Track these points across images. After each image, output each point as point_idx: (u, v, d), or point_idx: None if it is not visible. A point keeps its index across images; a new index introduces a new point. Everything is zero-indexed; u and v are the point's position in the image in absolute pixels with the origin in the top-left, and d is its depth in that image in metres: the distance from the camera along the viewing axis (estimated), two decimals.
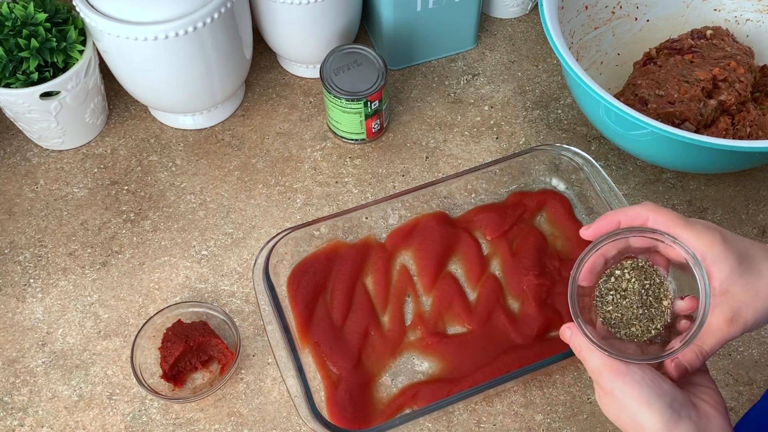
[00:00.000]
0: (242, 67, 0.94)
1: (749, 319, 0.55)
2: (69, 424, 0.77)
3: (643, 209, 0.58)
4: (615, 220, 0.59)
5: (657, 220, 0.57)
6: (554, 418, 0.77)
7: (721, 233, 0.56)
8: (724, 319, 0.55)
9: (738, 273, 0.55)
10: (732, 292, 0.55)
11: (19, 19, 0.83)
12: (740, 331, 0.56)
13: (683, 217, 0.57)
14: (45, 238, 0.88)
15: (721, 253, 0.55)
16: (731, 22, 0.99)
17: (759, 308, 0.55)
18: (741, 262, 0.55)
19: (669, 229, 0.57)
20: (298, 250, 0.83)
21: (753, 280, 0.55)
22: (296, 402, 0.72)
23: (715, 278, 0.56)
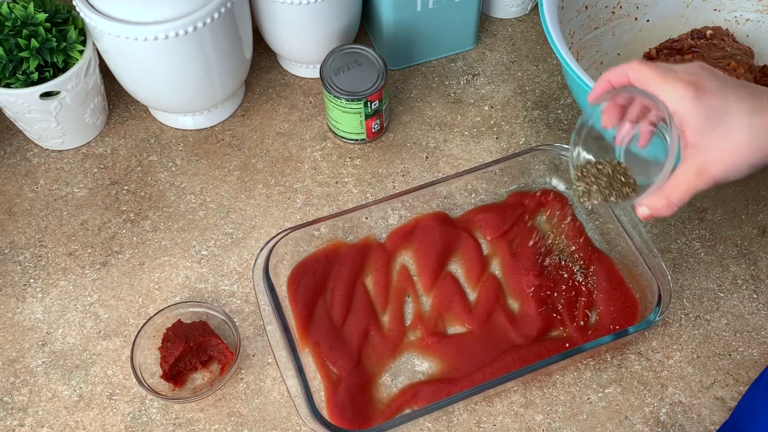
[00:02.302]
0: (242, 67, 0.94)
1: (717, 173, 0.56)
2: (69, 424, 0.77)
3: (627, 67, 0.60)
4: (605, 80, 0.62)
5: (636, 77, 0.59)
6: (554, 418, 0.77)
7: (697, 87, 0.56)
8: (692, 172, 0.57)
9: (708, 128, 0.56)
10: (702, 146, 0.56)
11: (19, 19, 0.83)
12: (707, 183, 0.57)
13: (663, 71, 0.58)
14: (45, 238, 0.88)
15: (690, 108, 0.56)
16: (731, 22, 0.99)
17: (727, 163, 0.56)
18: (710, 118, 0.56)
19: (646, 85, 0.58)
20: (298, 250, 0.83)
21: (725, 136, 0.55)
22: (296, 402, 0.72)
23: (687, 132, 0.57)
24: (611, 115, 0.64)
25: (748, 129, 0.55)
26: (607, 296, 0.81)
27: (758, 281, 0.85)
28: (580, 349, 0.76)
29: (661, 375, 0.79)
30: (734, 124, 0.55)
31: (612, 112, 0.64)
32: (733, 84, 0.57)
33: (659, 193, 0.59)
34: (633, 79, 0.59)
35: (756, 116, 0.55)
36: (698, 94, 0.56)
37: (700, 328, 0.82)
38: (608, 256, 0.85)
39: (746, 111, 0.55)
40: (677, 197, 0.59)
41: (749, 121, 0.55)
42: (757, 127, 0.55)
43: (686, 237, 0.88)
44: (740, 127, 0.55)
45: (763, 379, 0.68)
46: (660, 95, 0.57)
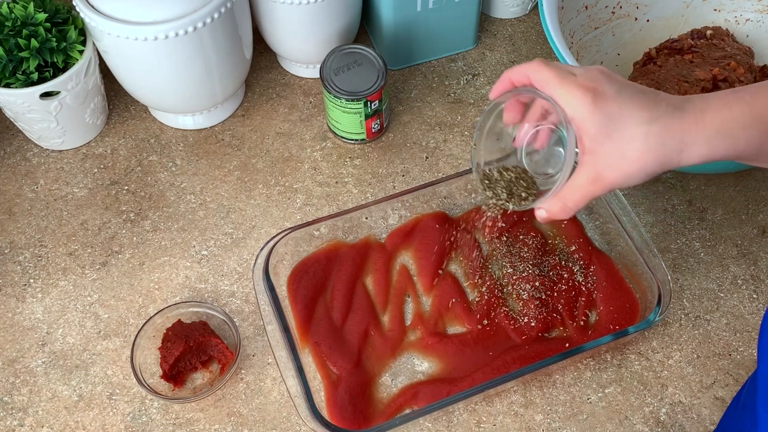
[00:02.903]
0: (242, 67, 0.94)
1: (612, 181, 0.56)
2: (69, 424, 0.77)
3: (528, 67, 0.59)
4: (507, 78, 0.61)
5: (536, 79, 0.58)
6: (554, 418, 0.77)
7: (595, 93, 0.55)
8: (588, 178, 0.57)
9: (604, 134, 0.55)
10: (598, 152, 0.56)
11: (19, 19, 0.83)
12: (602, 190, 0.57)
13: (562, 74, 0.57)
14: (45, 238, 0.88)
15: (587, 114, 0.55)
16: (731, 22, 0.99)
17: (623, 170, 0.56)
18: (608, 125, 0.55)
19: (546, 88, 0.58)
20: (298, 250, 0.83)
21: (620, 143, 0.55)
22: (296, 402, 0.72)
23: (584, 138, 0.56)
24: (513, 113, 0.63)
25: (644, 137, 0.54)
26: (607, 296, 0.81)
27: (758, 281, 0.85)
28: (580, 349, 0.76)
29: (661, 375, 0.79)
30: (631, 132, 0.55)
31: (514, 109, 0.63)
32: (631, 90, 0.56)
33: (556, 197, 0.59)
34: (533, 80, 0.59)
35: (653, 124, 0.54)
36: (596, 100, 0.55)
37: (700, 328, 0.82)
38: (608, 256, 0.85)
39: (643, 119, 0.55)
40: (573, 202, 0.59)
41: (646, 129, 0.54)
42: (654, 136, 0.54)
43: (686, 237, 0.88)
44: (636, 135, 0.54)
45: (745, 388, 0.68)
46: (558, 99, 0.57)
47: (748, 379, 0.68)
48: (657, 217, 0.89)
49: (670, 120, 0.54)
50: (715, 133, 0.54)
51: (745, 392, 0.66)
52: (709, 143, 0.54)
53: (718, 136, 0.54)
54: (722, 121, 0.54)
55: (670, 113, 0.55)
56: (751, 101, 0.55)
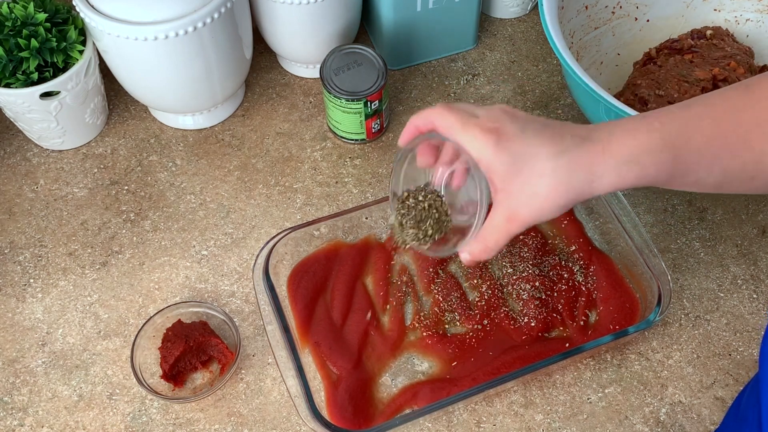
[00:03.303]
0: (242, 67, 0.94)
1: (527, 217, 0.56)
2: (69, 424, 0.77)
3: (431, 113, 0.59)
4: (413, 125, 0.61)
5: (440, 125, 0.58)
6: (554, 418, 0.77)
7: (497, 133, 0.55)
8: (503, 217, 0.57)
9: (512, 173, 0.55)
10: (509, 191, 0.56)
11: (19, 19, 0.83)
12: (519, 228, 0.57)
13: (463, 118, 0.57)
14: (45, 238, 0.88)
15: (491, 156, 0.55)
16: (731, 22, 0.99)
17: (536, 206, 0.56)
18: (515, 163, 0.55)
19: (450, 133, 0.58)
20: (298, 250, 0.83)
21: (530, 180, 0.55)
22: (296, 402, 0.72)
23: (494, 178, 0.56)
24: (425, 156, 0.63)
25: (552, 172, 0.54)
26: (607, 296, 0.81)
27: (758, 281, 0.85)
28: (580, 349, 0.76)
29: (661, 375, 0.79)
30: (537, 168, 0.55)
31: (427, 152, 0.63)
32: (535, 126, 0.56)
33: (476, 239, 0.59)
34: (437, 125, 0.59)
35: (559, 158, 0.54)
36: (499, 140, 0.55)
37: (700, 328, 0.82)
38: (608, 256, 0.85)
39: (549, 154, 0.54)
40: (493, 242, 0.59)
41: (553, 164, 0.54)
42: (561, 169, 0.54)
43: (686, 237, 0.88)
44: (543, 170, 0.54)
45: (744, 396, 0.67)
46: (462, 143, 0.57)
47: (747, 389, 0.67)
48: (657, 217, 0.89)
49: (577, 152, 0.54)
50: (624, 161, 0.54)
51: (744, 402, 0.65)
52: (618, 171, 0.54)
53: (627, 164, 0.54)
54: (630, 149, 0.54)
55: (576, 145, 0.55)
56: (660, 127, 0.54)
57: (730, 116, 0.54)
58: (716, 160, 0.54)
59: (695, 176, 0.55)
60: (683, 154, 0.54)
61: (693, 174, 0.55)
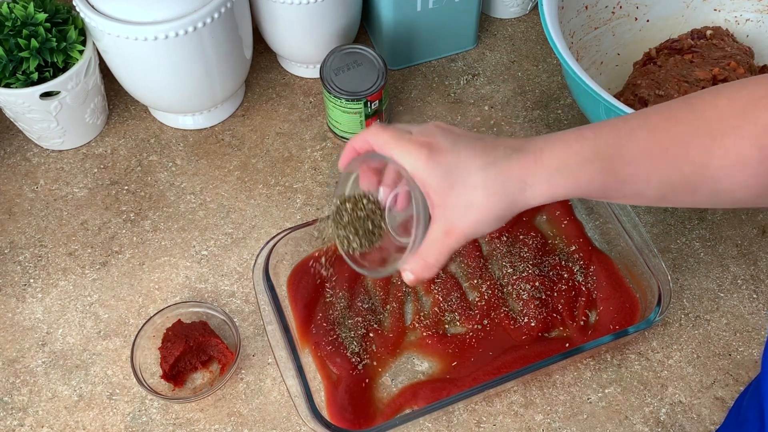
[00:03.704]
0: (242, 67, 0.94)
1: (466, 230, 0.56)
2: (69, 424, 0.77)
3: (366, 133, 0.59)
4: (350, 147, 0.61)
5: (376, 143, 0.58)
6: (554, 418, 0.77)
7: (430, 147, 0.55)
8: (441, 232, 0.57)
9: (446, 187, 0.55)
10: (446, 205, 0.56)
11: (19, 19, 0.83)
12: (458, 241, 0.57)
13: (397, 134, 0.57)
14: (45, 238, 0.88)
15: (425, 169, 0.55)
16: (731, 22, 0.99)
17: (473, 219, 0.55)
18: (448, 176, 0.55)
19: (385, 150, 0.58)
20: (298, 250, 0.83)
21: (464, 192, 0.55)
22: (296, 402, 0.72)
23: (430, 193, 0.56)
24: (367, 180, 0.63)
25: (483, 183, 0.54)
26: (607, 296, 0.81)
27: (758, 281, 0.85)
28: (580, 349, 0.76)
29: (661, 375, 0.79)
30: (470, 180, 0.55)
31: (368, 176, 0.63)
32: (466, 140, 0.56)
33: (416, 256, 0.59)
34: (373, 144, 0.59)
35: (490, 169, 0.54)
36: (431, 154, 0.55)
37: (700, 328, 0.82)
38: (608, 256, 0.85)
39: (479, 166, 0.55)
40: (433, 258, 0.58)
41: (484, 174, 0.54)
42: (493, 180, 0.54)
43: (686, 237, 0.88)
44: (477, 182, 0.54)
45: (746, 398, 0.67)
46: (397, 159, 0.57)
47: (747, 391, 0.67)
48: (657, 217, 0.89)
49: (507, 162, 0.55)
50: (555, 171, 0.54)
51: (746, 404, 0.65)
52: (550, 181, 0.54)
53: (558, 173, 0.54)
54: (561, 159, 0.54)
55: (507, 156, 0.55)
56: (593, 138, 0.54)
57: (667, 128, 0.54)
58: (654, 171, 0.54)
59: (633, 187, 0.55)
60: (617, 164, 0.54)
61: (630, 185, 0.55)
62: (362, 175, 0.63)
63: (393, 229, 0.64)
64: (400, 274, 0.84)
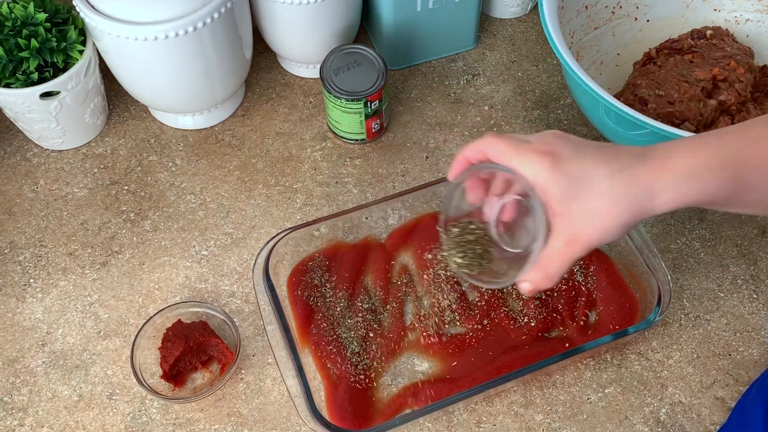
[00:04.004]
0: (242, 67, 0.94)
1: (590, 239, 0.55)
2: (69, 424, 0.77)
3: (481, 142, 0.59)
4: (462, 158, 0.61)
5: (492, 153, 0.58)
6: (554, 418, 0.77)
7: (553, 156, 0.55)
8: (563, 242, 0.56)
9: (570, 196, 0.54)
10: (569, 214, 0.55)
11: (19, 19, 0.83)
12: (582, 250, 0.56)
13: (516, 143, 0.57)
14: (45, 238, 0.88)
15: (548, 178, 0.55)
16: (731, 22, 0.99)
17: (598, 228, 0.55)
18: (572, 185, 0.54)
19: (503, 159, 0.57)
20: (298, 250, 0.83)
21: (588, 201, 0.54)
22: (296, 402, 0.72)
23: (551, 202, 0.56)
24: (475, 191, 0.63)
25: (609, 191, 0.54)
26: (607, 296, 0.81)
27: (758, 281, 0.85)
28: (580, 349, 0.76)
29: (661, 375, 0.79)
30: (596, 188, 0.54)
31: (476, 187, 0.62)
32: (589, 148, 0.56)
33: (537, 266, 0.58)
34: (488, 154, 0.58)
35: (617, 177, 0.54)
36: (555, 163, 0.55)
37: (700, 328, 0.82)
38: (608, 256, 0.85)
39: (606, 173, 0.54)
40: (554, 269, 0.57)
41: (610, 182, 0.54)
42: (619, 189, 0.54)
43: (686, 237, 0.88)
44: (602, 190, 0.54)
45: (750, 394, 0.67)
46: (517, 168, 0.56)
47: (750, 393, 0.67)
48: (657, 217, 0.89)
49: (634, 169, 0.54)
50: (683, 177, 0.53)
51: (749, 404, 0.65)
52: (678, 188, 0.54)
53: (686, 180, 0.53)
54: (689, 166, 0.53)
55: (633, 163, 0.54)
56: (718, 145, 0.54)
57: None
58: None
59: (758, 195, 0.54)
60: (745, 171, 0.53)
61: (755, 193, 0.54)
62: (470, 186, 0.62)
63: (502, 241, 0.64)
64: (403, 272, 0.84)
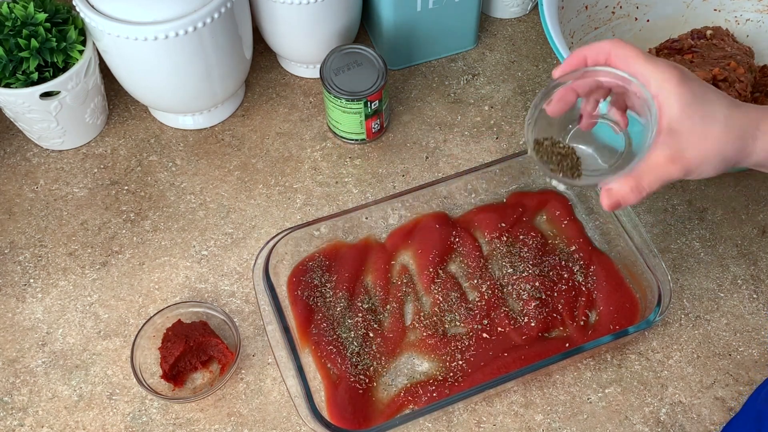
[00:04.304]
0: (242, 67, 0.94)
1: (692, 161, 0.55)
2: (69, 424, 0.77)
3: (607, 43, 0.58)
4: (582, 55, 0.60)
5: (618, 55, 0.57)
6: (554, 418, 0.77)
7: (681, 72, 0.56)
8: (665, 157, 0.56)
9: (689, 113, 0.55)
10: (680, 131, 0.55)
11: (19, 19, 0.83)
12: (680, 171, 0.56)
13: (646, 54, 0.57)
14: (45, 238, 0.88)
15: (674, 90, 0.55)
16: (731, 22, 0.99)
17: (704, 152, 0.55)
18: (694, 103, 0.55)
19: (628, 65, 0.57)
20: (298, 250, 0.83)
21: (704, 124, 0.55)
22: (296, 402, 0.72)
23: (665, 115, 0.56)
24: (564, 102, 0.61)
25: (725, 119, 0.55)
26: (607, 296, 0.81)
27: (758, 281, 0.85)
28: (580, 349, 0.76)
29: (661, 375, 0.79)
30: (714, 113, 0.55)
31: (567, 98, 0.61)
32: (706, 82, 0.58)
33: (628, 176, 0.57)
34: (614, 55, 0.57)
35: (734, 109, 0.55)
36: (683, 79, 0.55)
37: (700, 328, 0.82)
38: (608, 256, 0.85)
39: (726, 103, 0.56)
40: (648, 182, 0.57)
41: (728, 112, 0.55)
42: (735, 119, 0.55)
43: (686, 237, 0.88)
44: (719, 117, 0.55)
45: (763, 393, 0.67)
46: (643, 75, 0.56)
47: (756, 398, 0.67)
48: (657, 217, 0.89)
49: (748, 108, 0.56)
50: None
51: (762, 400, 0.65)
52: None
53: None
54: None
55: (745, 104, 0.56)
56: None
57: None
58: None
59: None
60: None
61: None
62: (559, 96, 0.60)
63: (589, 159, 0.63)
64: (403, 272, 0.84)
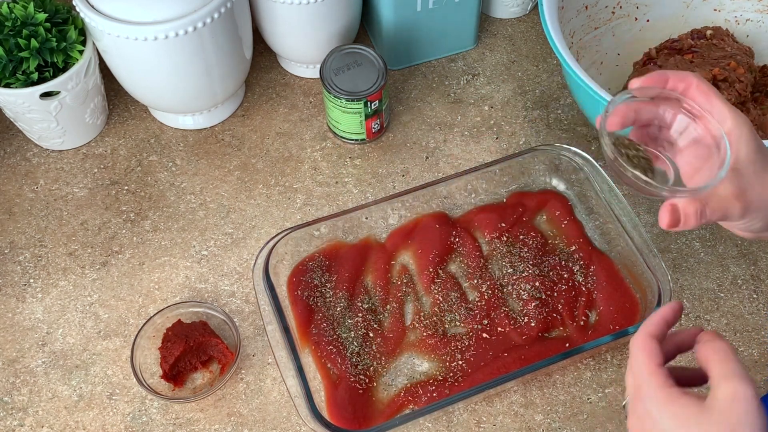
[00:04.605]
0: (242, 67, 0.94)
1: (753, 202, 0.58)
2: (69, 424, 0.77)
3: (692, 75, 0.60)
4: (665, 76, 0.61)
5: (702, 89, 0.59)
6: (554, 418, 0.77)
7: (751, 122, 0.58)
8: (732, 191, 0.58)
9: (753, 159, 0.57)
10: (744, 174, 0.58)
11: (19, 19, 0.83)
12: (741, 209, 0.58)
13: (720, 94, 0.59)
14: (45, 238, 0.88)
15: (746, 135, 0.57)
16: (731, 22, 0.99)
17: (765, 197, 0.58)
18: (760, 152, 0.58)
19: (709, 99, 0.59)
20: (298, 250, 0.83)
21: (765, 172, 0.58)
22: (296, 402, 0.72)
23: (732, 155, 0.58)
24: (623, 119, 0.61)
25: None
26: (607, 296, 0.81)
27: (758, 281, 0.85)
28: (580, 349, 0.76)
29: None
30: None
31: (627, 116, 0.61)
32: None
33: (696, 199, 0.58)
34: (697, 87, 0.59)
35: None
36: (753, 127, 0.58)
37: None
38: (608, 256, 0.85)
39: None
40: (710, 210, 0.58)
41: None
42: None
43: (686, 237, 0.88)
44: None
45: None
46: (721, 113, 0.58)
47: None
48: (657, 217, 0.89)
49: None
50: None
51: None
52: None
53: None
54: None
55: None
56: None
57: None
58: None
59: None
60: None
61: None
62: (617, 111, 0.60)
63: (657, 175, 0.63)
64: (403, 272, 0.84)
